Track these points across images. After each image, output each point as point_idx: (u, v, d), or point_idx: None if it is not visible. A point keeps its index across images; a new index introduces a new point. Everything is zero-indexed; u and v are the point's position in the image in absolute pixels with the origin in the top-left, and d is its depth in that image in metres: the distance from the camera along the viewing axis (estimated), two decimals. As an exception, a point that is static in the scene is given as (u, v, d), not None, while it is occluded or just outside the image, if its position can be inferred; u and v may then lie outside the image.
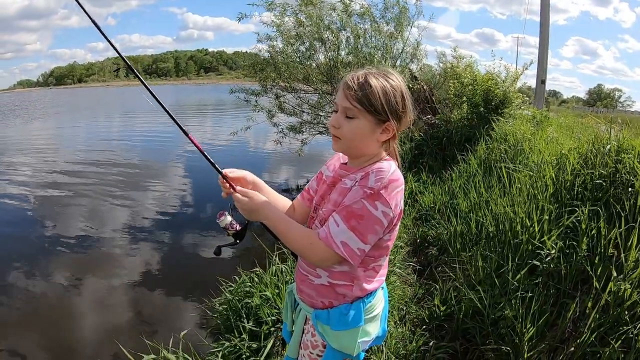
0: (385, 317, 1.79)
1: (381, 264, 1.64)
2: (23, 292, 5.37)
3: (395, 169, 1.48)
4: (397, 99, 1.49)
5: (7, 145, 18.43)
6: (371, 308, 1.64)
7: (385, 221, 1.44)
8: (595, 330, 2.48)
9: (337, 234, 1.45)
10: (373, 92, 1.46)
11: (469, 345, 3.09)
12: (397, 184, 1.45)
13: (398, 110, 1.50)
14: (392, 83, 1.50)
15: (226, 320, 3.49)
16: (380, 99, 1.46)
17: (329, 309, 1.61)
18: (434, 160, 7.46)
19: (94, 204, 9.03)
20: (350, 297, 1.60)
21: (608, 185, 3.33)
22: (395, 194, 1.45)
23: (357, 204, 1.43)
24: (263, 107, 9.78)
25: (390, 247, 1.62)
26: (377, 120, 1.49)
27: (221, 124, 24.34)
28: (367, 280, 1.60)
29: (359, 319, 1.59)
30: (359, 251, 1.44)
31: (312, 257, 1.53)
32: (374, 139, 1.53)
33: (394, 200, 1.44)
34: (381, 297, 1.71)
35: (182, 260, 6.20)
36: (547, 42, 13.03)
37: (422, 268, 4.51)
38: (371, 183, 1.43)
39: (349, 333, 1.60)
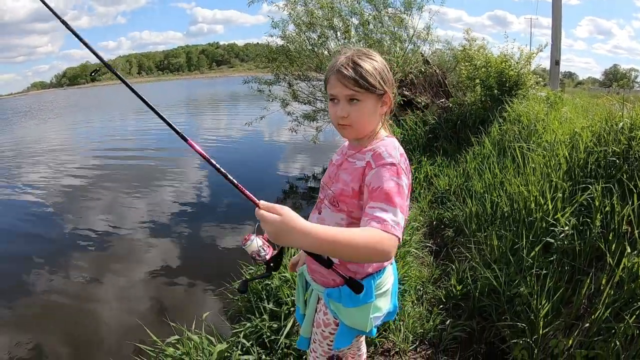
0: (396, 293, 1.82)
1: None
2: (47, 285, 5.51)
3: (398, 144, 1.57)
4: (386, 71, 1.57)
5: (25, 145, 18.67)
6: (381, 284, 1.67)
7: (408, 192, 1.50)
8: (610, 306, 2.50)
9: (391, 218, 1.33)
10: (368, 72, 1.50)
11: (485, 323, 3.13)
12: (404, 157, 1.52)
13: (389, 81, 1.58)
14: (377, 59, 1.57)
15: (247, 302, 3.57)
16: (373, 75, 1.51)
17: (340, 286, 1.63)
18: (449, 144, 7.45)
19: (112, 200, 9.16)
20: (362, 274, 1.62)
21: (621, 163, 3.33)
22: (407, 166, 1.51)
23: (388, 182, 1.40)
24: (277, 97, 9.81)
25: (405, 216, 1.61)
26: (377, 96, 1.54)
27: (235, 116, 24.40)
28: None
29: (370, 295, 1.61)
30: (402, 227, 1.38)
31: (381, 255, 1.30)
32: (377, 114, 1.59)
33: (408, 171, 1.52)
34: (390, 273, 1.75)
35: (202, 249, 6.28)
36: (560, 22, 12.88)
37: (439, 249, 4.56)
38: (387, 159, 1.45)
39: (361, 310, 1.63)
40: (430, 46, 9.98)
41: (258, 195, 1.29)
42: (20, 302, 5.20)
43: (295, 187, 9.37)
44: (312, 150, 11.34)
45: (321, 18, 8.74)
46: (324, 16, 8.74)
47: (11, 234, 7.65)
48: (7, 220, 8.35)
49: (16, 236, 7.54)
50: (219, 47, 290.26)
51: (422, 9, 9.25)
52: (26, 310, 5.01)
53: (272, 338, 3.04)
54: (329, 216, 1.64)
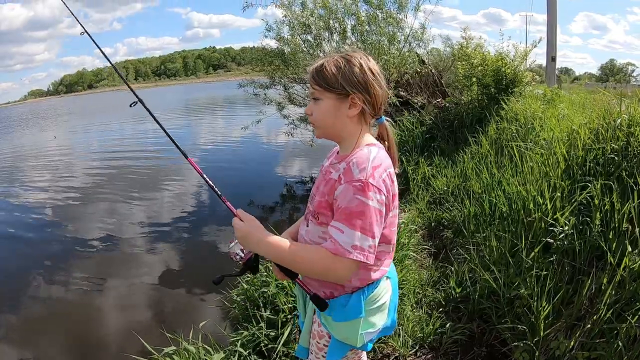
0: (394, 308, 1.76)
1: (382, 251, 1.57)
2: (47, 293, 5.50)
3: (375, 155, 1.45)
4: (354, 70, 1.48)
5: (24, 153, 18.72)
6: (374, 298, 1.60)
7: (382, 209, 1.41)
8: (612, 307, 2.48)
9: (345, 240, 1.36)
10: (325, 69, 1.49)
11: (485, 326, 3.10)
12: (381, 169, 1.42)
13: (357, 81, 1.48)
14: (348, 58, 1.51)
15: (244, 310, 3.53)
16: (333, 73, 1.48)
17: (330, 299, 1.59)
18: (446, 144, 7.42)
19: (111, 206, 9.15)
20: (350, 287, 1.57)
21: (620, 159, 3.29)
22: (383, 180, 1.41)
23: (353, 201, 1.37)
24: (272, 100, 9.78)
25: (391, 235, 1.58)
26: (337, 95, 1.49)
27: (232, 120, 24.42)
28: (365, 270, 1.54)
29: (358, 311, 1.55)
30: (371, 248, 1.39)
31: (334, 277, 1.45)
32: (343, 116, 1.52)
33: (383, 186, 1.41)
34: (387, 287, 1.68)
35: (200, 256, 6.27)
36: (555, 19, 12.84)
37: (437, 251, 4.52)
38: (356, 175, 1.39)
39: (350, 324, 1.58)
40: (426, 46, 9.96)
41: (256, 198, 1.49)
42: (19, 309, 5.18)
43: (293, 190, 9.36)
44: (310, 152, 11.32)
45: (317, 19, 8.72)
46: (320, 17, 8.72)
47: (10, 241, 7.65)
48: (6, 228, 8.34)
49: (15, 243, 7.53)
50: (215, 52, 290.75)
51: (418, 10, 9.24)
52: (24, 318, 4.99)
53: (270, 346, 3.00)
54: (313, 229, 1.60)
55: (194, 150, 15.36)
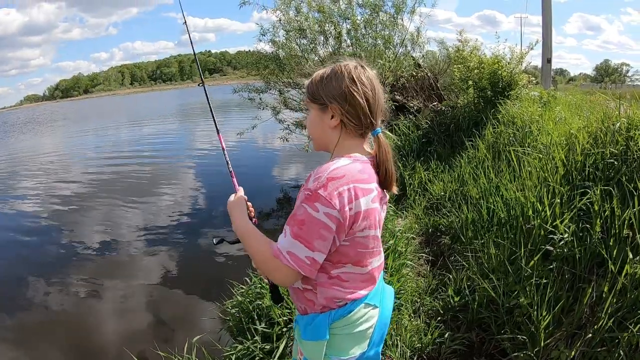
0: (380, 340, 1.69)
1: (350, 272, 1.50)
2: (42, 299, 5.48)
3: (339, 166, 1.39)
4: (337, 81, 1.45)
5: (20, 158, 18.67)
6: (347, 323, 1.53)
7: (331, 223, 1.33)
8: (613, 315, 2.45)
9: (283, 244, 1.37)
10: (312, 81, 1.52)
11: (485, 335, 3.06)
12: (338, 182, 1.34)
13: (335, 91, 1.45)
14: (335, 68, 1.48)
15: (239, 322, 3.48)
16: (316, 84, 1.49)
17: (304, 315, 1.57)
18: (442, 148, 7.37)
19: (107, 212, 9.11)
20: (318, 306, 1.51)
21: (620, 164, 3.26)
22: (339, 193, 1.33)
23: (299, 209, 1.36)
24: (268, 104, 9.73)
25: (360, 257, 1.50)
26: (319, 106, 1.49)
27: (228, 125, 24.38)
28: (332, 289, 1.49)
29: (322, 333, 1.50)
30: (308, 260, 1.35)
31: (272, 277, 1.47)
32: (326, 127, 1.50)
33: (336, 199, 1.32)
34: (368, 315, 1.58)
35: (195, 264, 6.23)
36: (550, 20, 12.84)
37: (435, 258, 4.47)
38: (310, 184, 1.36)
39: (314, 345, 1.53)
40: (422, 49, 9.94)
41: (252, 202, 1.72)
42: (16, 314, 5.17)
43: (289, 195, 9.32)
44: (306, 157, 11.30)
45: (313, 22, 8.68)
46: (315, 20, 8.69)
47: (7, 247, 7.62)
48: (3, 233, 8.32)
49: (12, 249, 7.51)
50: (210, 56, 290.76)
51: (413, 13, 9.21)
52: (20, 323, 4.99)
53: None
54: None
55: (190, 155, 15.35)
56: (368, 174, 1.44)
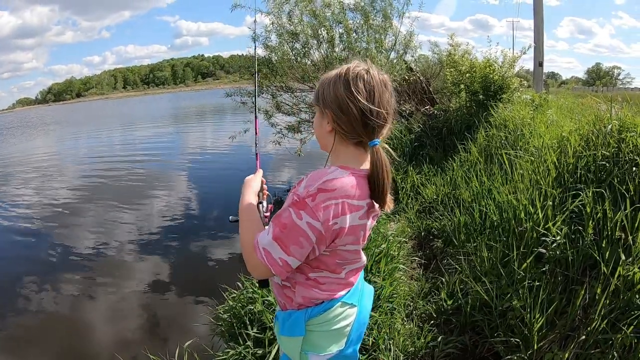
0: (358, 339, 1.70)
1: (326, 277, 1.52)
2: (34, 306, 5.40)
3: (334, 177, 1.34)
4: (335, 87, 1.41)
5: (11, 162, 18.55)
6: (323, 320, 1.54)
7: (311, 234, 1.33)
8: (606, 317, 2.46)
9: (262, 241, 1.38)
10: (320, 81, 1.49)
11: (478, 338, 3.05)
12: (329, 194, 1.32)
13: (330, 97, 1.42)
14: (339, 71, 1.44)
15: (230, 327, 3.45)
16: (321, 86, 1.46)
17: (283, 311, 1.60)
18: (435, 151, 7.38)
19: (99, 217, 9.03)
20: (296, 303, 1.54)
21: (612, 166, 3.27)
22: (326, 206, 1.31)
23: (285, 211, 1.36)
24: (260, 108, 9.70)
25: (337, 268, 1.51)
26: (320, 110, 1.47)
27: (221, 129, 24.38)
28: (309, 290, 1.51)
29: (299, 329, 1.52)
30: (281, 261, 1.35)
31: (247, 262, 1.44)
32: (324, 131, 1.47)
33: (321, 212, 1.31)
34: (346, 314, 1.60)
35: (187, 268, 6.18)
36: (541, 24, 12.92)
37: (428, 262, 4.45)
38: (300, 189, 1.35)
39: (291, 340, 1.56)
40: (414, 53, 9.95)
41: None
42: (8, 320, 5.11)
43: (281, 199, 9.30)
44: (298, 161, 11.28)
45: (305, 26, 8.68)
46: (308, 25, 8.69)
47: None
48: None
49: (4, 253, 7.46)
50: (204, 60, 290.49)
51: (403, 16, 9.23)
52: (12, 329, 4.94)
53: (257, 365, 2.93)
54: None
55: (183, 158, 15.33)
56: (361, 190, 1.40)
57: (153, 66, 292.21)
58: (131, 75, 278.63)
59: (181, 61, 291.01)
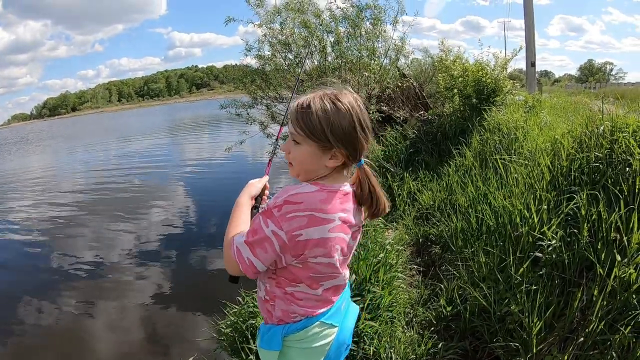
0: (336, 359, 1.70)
1: (303, 292, 1.53)
2: (34, 320, 5.43)
3: (301, 191, 1.39)
4: (342, 124, 1.41)
5: (8, 178, 18.53)
6: (301, 338, 1.56)
7: (275, 242, 1.37)
8: (604, 318, 2.47)
9: (237, 239, 1.47)
10: (313, 118, 1.41)
11: (478, 344, 3.06)
12: (294, 206, 1.35)
13: (343, 135, 1.41)
14: (339, 106, 1.41)
15: (233, 342, 3.45)
16: (322, 126, 1.40)
17: (265, 324, 1.64)
18: (430, 157, 7.38)
19: (98, 230, 9.05)
20: (276, 318, 1.57)
21: (605, 167, 3.30)
22: (290, 218, 1.35)
23: (256, 218, 1.43)
24: (255, 119, 9.72)
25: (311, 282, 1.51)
26: (320, 146, 1.43)
27: (217, 139, 24.37)
28: (287, 304, 1.54)
29: (275, 343, 1.55)
30: (247, 261, 1.42)
31: (224, 256, 1.53)
32: (322, 164, 1.46)
33: (286, 223, 1.35)
34: (324, 334, 1.61)
35: (187, 281, 6.18)
36: (532, 24, 12.99)
37: (426, 268, 4.45)
38: (272, 200, 1.42)
39: (268, 354, 1.59)
40: (406, 59, 9.98)
41: None
42: (9, 335, 5.13)
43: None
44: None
45: (297, 37, 8.71)
46: (300, 35, 8.72)
47: None
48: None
49: (5, 269, 7.47)
50: (197, 70, 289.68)
51: (396, 23, 9.26)
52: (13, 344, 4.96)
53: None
54: None
55: (180, 169, 15.34)
56: (331, 204, 1.41)
57: (147, 78, 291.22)
58: (125, 88, 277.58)
59: (175, 72, 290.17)
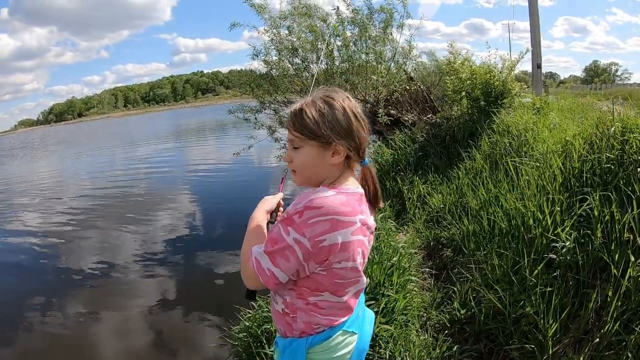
0: None
1: (327, 301, 1.51)
2: (42, 325, 5.45)
3: (320, 196, 1.38)
4: (338, 117, 1.46)
5: (15, 183, 18.65)
6: (325, 349, 1.54)
7: (298, 249, 1.37)
8: (619, 318, 2.48)
9: (256, 251, 1.45)
10: (307, 117, 1.46)
11: (493, 346, 3.06)
12: (315, 211, 1.35)
13: (341, 128, 1.46)
14: (330, 102, 1.47)
15: (247, 347, 3.44)
16: (317, 122, 1.45)
17: (283, 338, 1.60)
18: (439, 160, 7.36)
19: (105, 235, 9.10)
20: (297, 330, 1.54)
21: (617, 168, 3.30)
22: (312, 223, 1.34)
23: (275, 227, 1.43)
24: (263, 124, 9.76)
25: (336, 288, 1.49)
26: (320, 144, 1.46)
27: (225, 144, 24.41)
28: (310, 315, 1.51)
29: (299, 357, 1.53)
30: (268, 272, 1.40)
31: (242, 271, 1.52)
32: (327, 164, 1.49)
33: (308, 229, 1.34)
34: (347, 342, 1.59)
35: (196, 286, 6.20)
36: (538, 26, 12.92)
37: (438, 272, 4.44)
38: (290, 207, 1.40)
39: None
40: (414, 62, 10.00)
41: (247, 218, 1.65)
42: (16, 340, 5.16)
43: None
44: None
45: (304, 42, 8.74)
46: (306, 39, 8.75)
47: (5, 274, 7.61)
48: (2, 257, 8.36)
49: (11, 274, 7.52)
50: (203, 76, 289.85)
51: (402, 27, 9.28)
52: (20, 348, 4.99)
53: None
54: None
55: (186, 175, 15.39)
56: (352, 207, 1.42)
57: (153, 84, 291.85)
58: (131, 94, 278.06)
59: (180, 78, 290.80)
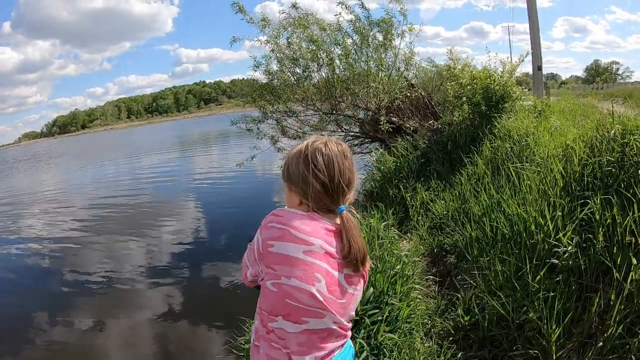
0: None
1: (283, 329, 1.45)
2: (46, 336, 5.49)
3: (285, 209, 1.57)
4: (296, 164, 1.55)
5: (20, 194, 18.74)
6: None
7: (255, 248, 1.52)
8: (622, 322, 2.47)
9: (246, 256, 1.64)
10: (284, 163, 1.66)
11: (497, 352, 3.05)
12: (274, 218, 1.51)
13: (289, 174, 1.58)
14: (299, 148, 1.59)
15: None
16: (284, 167, 1.63)
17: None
18: (441, 166, 7.34)
19: (111, 245, 9.15)
20: None
21: (617, 171, 3.30)
22: (269, 227, 1.49)
23: None
24: (266, 134, 9.78)
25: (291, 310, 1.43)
26: (287, 186, 1.62)
27: (228, 154, 24.45)
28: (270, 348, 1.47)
29: None
30: (244, 261, 1.64)
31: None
32: (294, 203, 1.60)
33: (265, 231, 1.50)
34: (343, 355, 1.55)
35: (202, 296, 6.21)
36: (537, 27, 12.92)
37: (442, 279, 4.42)
38: None
39: None
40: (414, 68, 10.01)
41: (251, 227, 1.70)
42: (22, 351, 5.19)
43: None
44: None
45: (305, 51, 8.77)
46: (307, 49, 8.77)
47: (11, 285, 7.65)
48: (7, 272, 8.34)
49: (18, 285, 7.56)
50: (205, 86, 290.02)
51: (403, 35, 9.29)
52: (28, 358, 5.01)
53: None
54: None
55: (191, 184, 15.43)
56: (312, 229, 1.47)
57: (156, 95, 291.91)
58: (134, 105, 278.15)
59: (183, 88, 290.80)
